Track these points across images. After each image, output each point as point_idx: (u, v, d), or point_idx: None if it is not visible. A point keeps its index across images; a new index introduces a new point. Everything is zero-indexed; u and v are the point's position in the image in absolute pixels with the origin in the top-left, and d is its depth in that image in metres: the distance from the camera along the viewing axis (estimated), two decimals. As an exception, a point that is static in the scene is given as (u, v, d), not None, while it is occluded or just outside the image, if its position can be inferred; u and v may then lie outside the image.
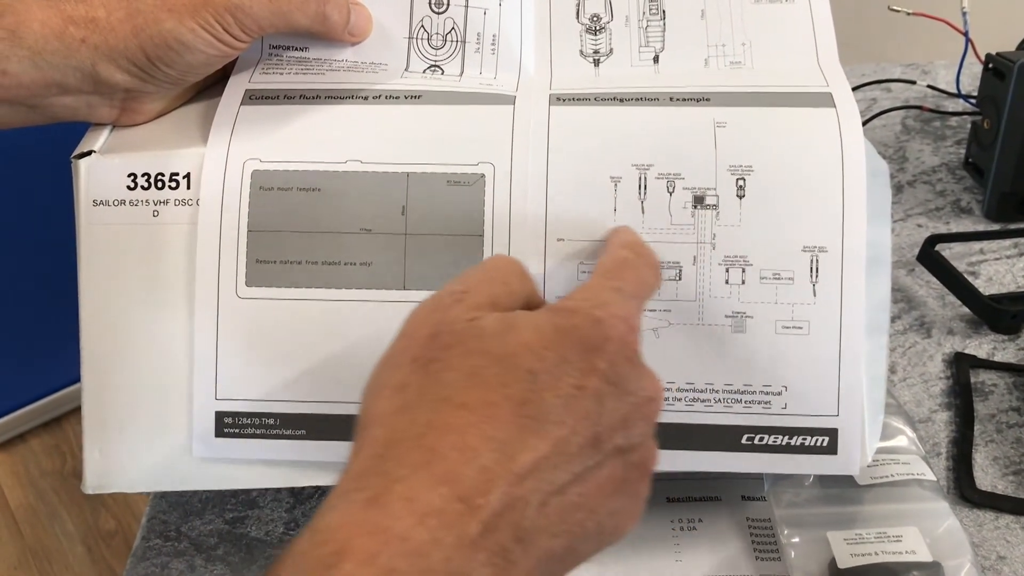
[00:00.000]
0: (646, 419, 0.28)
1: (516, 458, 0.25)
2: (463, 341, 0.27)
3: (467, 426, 0.25)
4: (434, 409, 0.26)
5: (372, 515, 0.23)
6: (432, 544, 0.23)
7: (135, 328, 0.38)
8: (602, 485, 0.27)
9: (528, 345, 0.27)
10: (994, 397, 0.49)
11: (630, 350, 0.28)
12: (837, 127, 0.37)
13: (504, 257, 0.32)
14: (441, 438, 0.25)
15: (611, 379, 0.27)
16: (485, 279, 0.30)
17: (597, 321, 0.28)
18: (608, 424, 0.27)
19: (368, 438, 0.26)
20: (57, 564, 1.33)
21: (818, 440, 0.37)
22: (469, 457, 0.24)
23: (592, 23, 0.43)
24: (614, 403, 0.27)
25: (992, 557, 0.41)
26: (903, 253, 0.58)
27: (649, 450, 0.29)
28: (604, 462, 0.27)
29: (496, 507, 0.24)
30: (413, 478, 0.24)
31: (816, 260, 0.36)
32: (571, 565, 0.27)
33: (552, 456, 0.25)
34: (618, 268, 0.31)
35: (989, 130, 0.60)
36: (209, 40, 0.36)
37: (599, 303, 0.28)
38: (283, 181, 0.38)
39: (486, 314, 0.28)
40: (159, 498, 0.46)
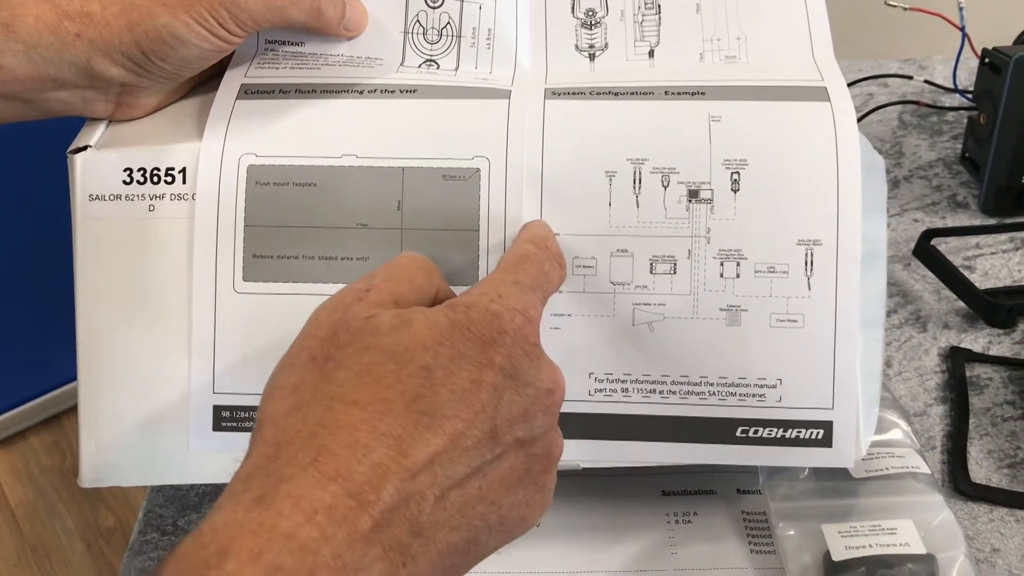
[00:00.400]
0: (546, 411, 0.28)
1: (409, 453, 0.25)
2: (358, 338, 0.27)
3: (359, 423, 0.25)
4: (326, 408, 0.26)
5: (257, 514, 0.23)
6: (321, 540, 0.23)
7: (131, 322, 0.38)
8: (503, 478, 0.27)
9: (422, 341, 0.27)
10: (989, 391, 0.49)
11: (527, 343, 0.28)
12: (832, 121, 0.37)
13: (411, 255, 0.32)
14: (332, 436, 0.25)
15: (508, 372, 0.27)
16: (389, 277, 0.30)
17: (493, 315, 0.28)
18: (506, 417, 0.27)
19: (260, 439, 0.26)
20: (56, 561, 1.33)
21: (813, 433, 0.37)
22: (360, 454, 0.24)
23: (587, 17, 0.43)
24: (512, 396, 0.27)
25: (986, 549, 0.41)
26: (899, 247, 0.58)
27: (551, 441, 0.29)
28: (504, 455, 0.27)
29: (389, 502, 0.24)
30: (301, 476, 0.24)
31: (811, 253, 0.36)
32: (476, 557, 0.27)
33: (448, 450, 0.26)
34: (519, 261, 0.32)
35: (985, 125, 0.60)
36: (204, 34, 0.36)
37: (496, 296, 0.29)
38: (279, 176, 0.38)
39: (384, 311, 0.28)
40: (156, 492, 0.46)
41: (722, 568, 0.40)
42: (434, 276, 0.31)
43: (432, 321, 0.27)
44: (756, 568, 0.40)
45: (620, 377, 0.37)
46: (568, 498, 0.43)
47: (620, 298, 0.37)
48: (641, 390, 0.37)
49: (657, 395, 0.37)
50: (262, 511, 0.23)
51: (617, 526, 0.42)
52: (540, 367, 0.28)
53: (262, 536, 0.23)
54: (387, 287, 0.29)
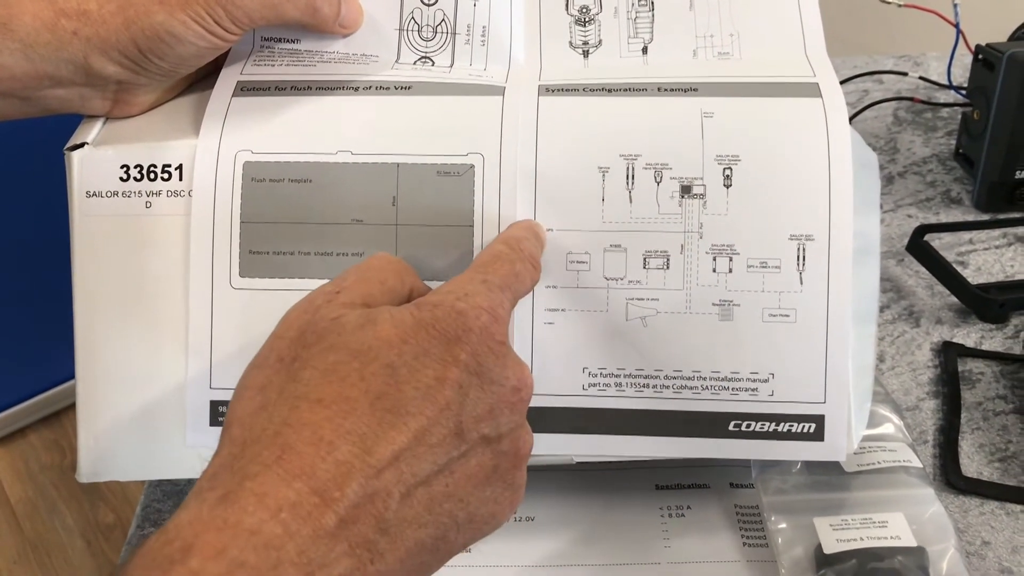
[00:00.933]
0: (512, 408, 0.28)
1: (373, 451, 0.25)
2: (323, 338, 0.27)
3: (323, 421, 0.25)
4: (291, 407, 0.26)
5: (222, 511, 0.24)
6: (285, 537, 0.23)
7: (129, 318, 0.38)
8: (470, 475, 0.27)
9: (387, 339, 0.27)
10: (981, 385, 0.49)
11: (493, 340, 0.28)
12: (823, 117, 0.38)
13: (383, 255, 0.32)
14: (296, 434, 0.25)
15: (473, 369, 0.27)
16: (361, 278, 0.30)
17: (459, 313, 0.28)
18: (472, 414, 0.27)
19: (227, 439, 0.26)
20: (56, 558, 1.33)
21: (805, 427, 0.37)
22: (325, 451, 0.25)
23: (581, 15, 0.43)
24: (477, 393, 0.27)
25: (977, 542, 0.42)
26: (893, 243, 0.58)
27: (519, 438, 0.29)
28: (470, 452, 0.27)
29: (353, 499, 0.24)
30: (265, 474, 0.24)
31: (803, 248, 0.37)
32: (445, 555, 0.28)
33: (413, 447, 0.26)
34: (490, 261, 0.32)
35: (979, 121, 0.60)
36: (200, 32, 0.36)
37: (462, 295, 0.29)
38: (275, 172, 0.38)
39: (350, 311, 0.28)
40: (153, 487, 0.46)
41: (715, 561, 0.40)
42: (407, 276, 0.32)
43: (397, 320, 0.28)
44: (749, 561, 0.40)
45: (613, 372, 0.38)
46: (562, 492, 0.43)
47: (613, 293, 0.37)
48: (634, 384, 0.37)
49: (650, 389, 0.37)
50: (226, 508, 0.24)
51: (611, 519, 0.42)
52: (506, 365, 0.28)
53: (226, 532, 0.23)
54: (358, 288, 0.30)
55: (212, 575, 0.22)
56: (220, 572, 0.22)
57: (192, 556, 0.23)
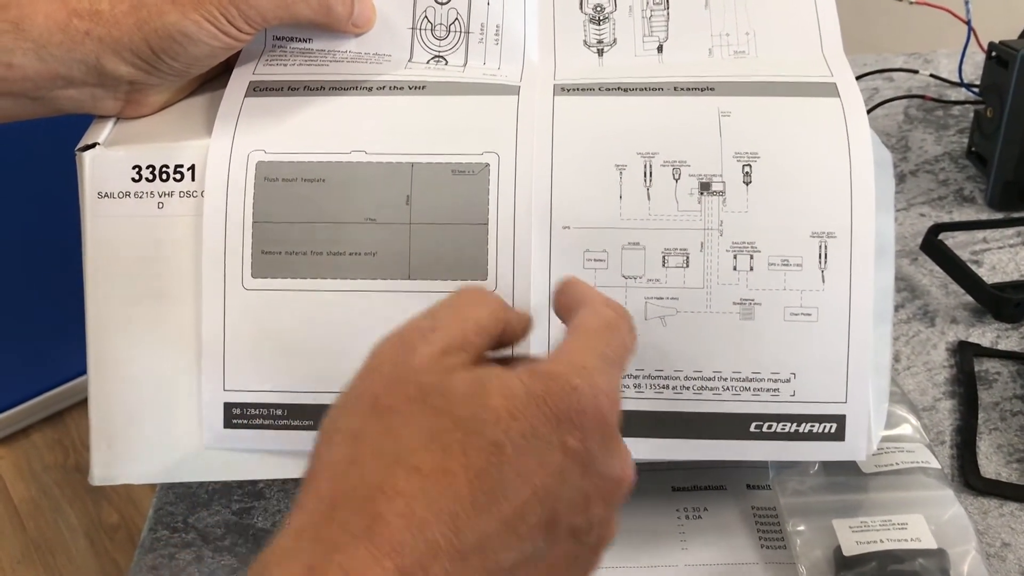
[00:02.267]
0: (608, 501, 0.27)
1: (463, 533, 0.24)
2: (427, 397, 0.26)
3: (418, 492, 0.24)
4: (386, 469, 0.25)
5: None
6: None
7: (141, 320, 0.38)
8: (553, 564, 0.26)
9: (496, 412, 0.25)
10: (998, 385, 0.49)
11: (607, 426, 0.26)
12: (842, 116, 0.37)
13: (476, 290, 0.30)
14: (389, 504, 0.24)
15: (580, 458, 0.26)
16: (455, 315, 0.28)
17: (574, 389, 0.26)
18: (568, 503, 0.26)
19: (314, 490, 0.25)
20: (60, 557, 1.33)
21: (826, 427, 0.37)
22: (416, 528, 0.24)
23: (596, 13, 0.43)
24: (579, 481, 0.26)
25: (997, 544, 0.41)
26: (906, 242, 0.58)
27: (607, 530, 0.28)
28: (556, 545, 0.26)
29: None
30: (354, 548, 0.23)
31: (825, 246, 0.36)
32: None
33: (502, 535, 0.24)
34: (603, 330, 0.29)
35: (992, 119, 0.60)
36: (213, 32, 0.36)
37: (580, 368, 0.26)
38: (288, 172, 0.38)
39: (457, 368, 0.27)
40: (166, 490, 0.46)
41: (733, 563, 0.40)
42: (500, 310, 0.30)
43: (509, 390, 0.26)
44: (767, 563, 0.40)
45: (632, 372, 0.37)
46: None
47: (632, 292, 0.37)
48: (654, 386, 0.37)
49: (670, 391, 0.37)
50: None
51: (627, 521, 0.41)
52: (613, 455, 0.27)
53: None
54: (453, 328, 0.28)
55: None
56: None
57: None
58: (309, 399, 0.38)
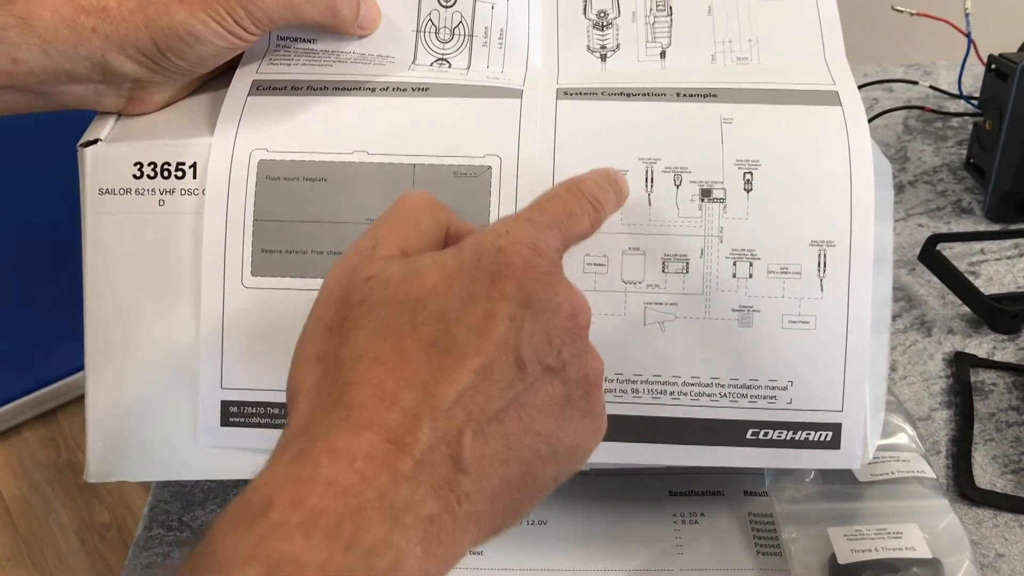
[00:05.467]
0: (572, 334, 0.28)
1: (436, 393, 0.25)
2: (369, 296, 0.27)
3: (383, 375, 0.26)
4: (350, 367, 0.26)
5: (296, 469, 0.24)
6: (362, 484, 0.24)
7: (140, 317, 0.38)
8: (542, 407, 0.27)
9: (432, 286, 0.27)
10: (994, 396, 0.49)
11: (538, 272, 0.28)
12: (844, 125, 0.38)
13: (414, 194, 0.31)
14: (358, 391, 0.25)
15: (522, 301, 0.27)
16: (394, 226, 0.30)
17: (499, 250, 0.27)
18: (529, 345, 0.27)
19: (295, 412, 0.27)
20: (51, 556, 1.32)
21: (822, 435, 0.37)
22: (390, 402, 0.25)
23: (599, 19, 0.43)
24: (531, 324, 0.27)
25: (991, 555, 0.42)
26: (904, 252, 0.58)
27: (587, 364, 0.29)
28: (536, 384, 0.27)
29: (426, 442, 0.25)
30: (335, 432, 0.25)
31: (824, 255, 0.37)
32: (536, 491, 0.28)
33: (475, 384, 0.26)
34: (540, 201, 0.31)
35: (991, 131, 0.60)
36: (220, 32, 0.36)
37: (503, 232, 0.28)
38: (289, 171, 0.38)
39: (391, 264, 0.28)
40: (161, 488, 0.46)
41: (728, 569, 0.40)
42: (441, 214, 0.31)
43: (440, 266, 0.27)
44: (762, 570, 0.40)
45: (630, 377, 0.37)
46: (575, 497, 0.43)
47: (631, 297, 0.37)
48: (652, 391, 0.37)
49: (667, 396, 0.37)
50: (301, 465, 0.24)
51: (624, 526, 0.42)
52: (558, 292, 0.28)
53: (303, 485, 0.24)
54: (392, 238, 0.29)
55: (294, 524, 0.23)
56: (301, 520, 0.23)
57: (272, 509, 0.23)
58: None
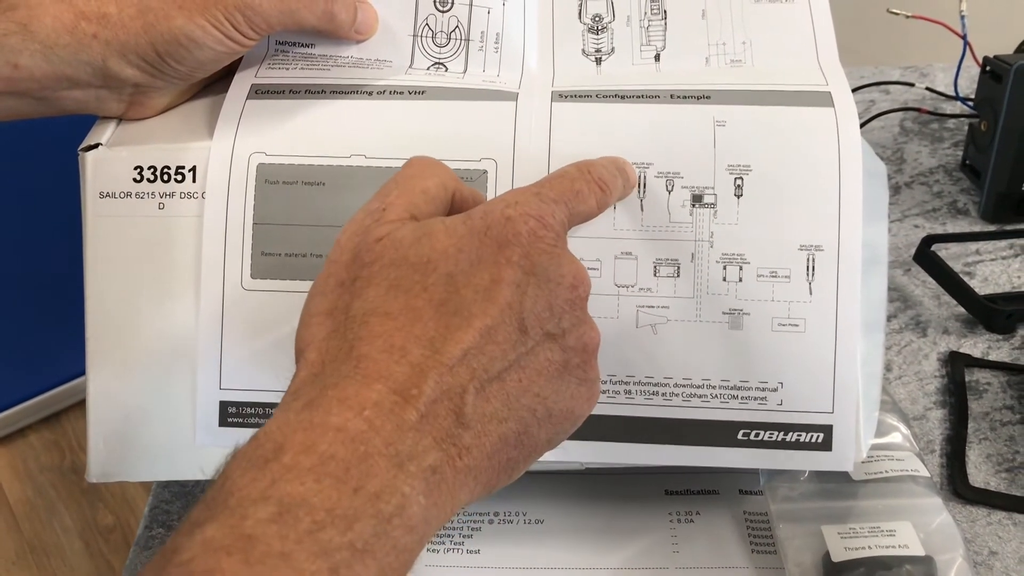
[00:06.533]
0: (572, 304, 0.29)
1: (443, 350, 0.26)
2: (381, 256, 0.28)
3: (393, 331, 0.27)
4: (361, 322, 0.27)
5: (307, 415, 0.25)
6: (370, 432, 0.25)
7: (140, 319, 0.39)
8: (541, 370, 0.28)
9: (443, 250, 0.28)
10: (988, 395, 0.49)
11: (544, 243, 0.29)
12: (835, 127, 0.38)
13: (421, 160, 0.32)
14: (369, 344, 0.26)
15: (527, 269, 0.28)
16: (403, 191, 0.31)
17: (508, 219, 0.29)
18: (531, 310, 0.28)
19: (304, 362, 0.28)
20: (55, 559, 1.33)
21: (813, 436, 0.38)
22: (398, 356, 0.26)
23: (594, 23, 0.43)
24: (535, 291, 0.28)
25: (984, 552, 0.42)
26: (900, 253, 0.59)
27: (585, 333, 0.30)
28: (537, 348, 0.28)
29: (431, 395, 0.26)
30: (345, 382, 0.26)
31: (812, 259, 0.37)
32: (530, 450, 0.29)
33: (480, 344, 0.27)
34: (549, 178, 0.32)
35: (986, 132, 0.60)
36: (219, 37, 0.36)
37: (512, 203, 0.29)
38: (288, 175, 0.38)
39: (402, 226, 0.29)
40: (162, 488, 0.46)
41: (723, 567, 0.40)
42: (448, 180, 0.32)
43: (451, 230, 0.29)
44: (757, 568, 0.40)
45: (623, 379, 0.38)
46: (571, 496, 0.43)
47: (624, 300, 0.37)
48: (644, 392, 0.38)
49: (659, 397, 0.38)
50: (311, 412, 0.25)
51: (620, 524, 0.42)
52: (561, 263, 0.29)
53: (313, 432, 0.24)
54: (401, 202, 0.30)
55: (305, 468, 0.24)
56: (312, 464, 0.24)
57: (284, 453, 0.24)
58: None
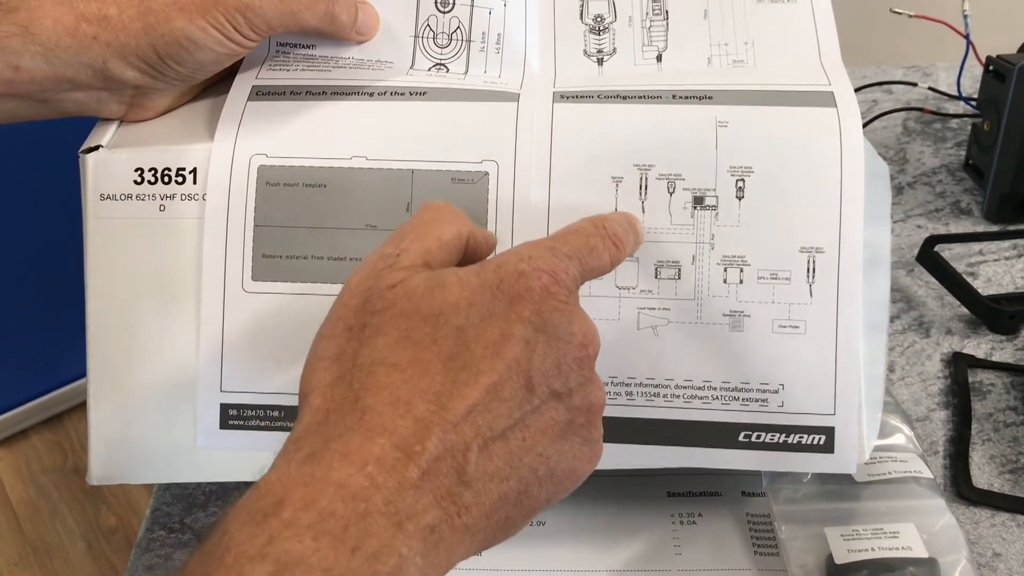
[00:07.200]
0: (580, 363, 0.29)
1: (449, 406, 0.26)
2: (393, 305, 0.28)
3: (400, 383, 0.26)
4: (368, 372, 0.27)
5: (308, 468, 0.25)
6: (372, 489, 0.24)
7: (142, 321, 0.39)
8: (545, 429, 0.28)
9: (455, 302, 0.28)
10: (992, 396, 0.49)
11: (556, 300, 0.29)
12: (837, 127, 0.38)
13: (437, 206, 0.32)
14: (375, 396, 0.26)
15: (537, 326, 0.28)
16: (418, 236, 0.31)
17: (521, 274, 0.28)
18: (540, 369, 0.28)
19: (308, 408, 0.27)
20: (57, 560, 1.33)
21: (815, 438, 0.37)
22: (403, 410, 0.26)
23: (596, 23, 0.43)
24: (544, 348, 0.28)
25: (988, 554, 0.42)
26: (903, 253, 0.58)
27: (591, 393, 0.29)
28: (542, 407, 0.28)
29: (434, 452, 0.25)
30: (349, 435, 0.26)
31: (813, 261, 0.37)
32: (528, 510, 0.28)
33: (486, 402, 0.27)
34: (564, 233, 0.32)
35: (989, 132, 0.60)
36: (219, 39, 0.36)
37: (525, 257, 0.29)
38: (289, 177, 0.38)
39: (416, 274, 0.29)
40: (163, 490, 0.46)
41: (726, 569, 0.40)
42: (463, 226, 0.32)
43: (464, 282, 0.28)
44: (759, 570, 0.40)
45: (624, 380, 0.38)
46: (573, 498, 0.42)
47: (625, 302, 0.37)
48: (645, 394, 0.37)
49: (661, 399, 0.37)
50: (313, 465, 0.25)
51: (622, 526, 0.42)
52: (572, 321, 0.29)
53: (314, 487, 0.24)
54: (416, 248, 0.30)
55: (304, 524, 0.23)
56: (312, 521, 0.23)
57: (284, 508, 0.24)
58: None
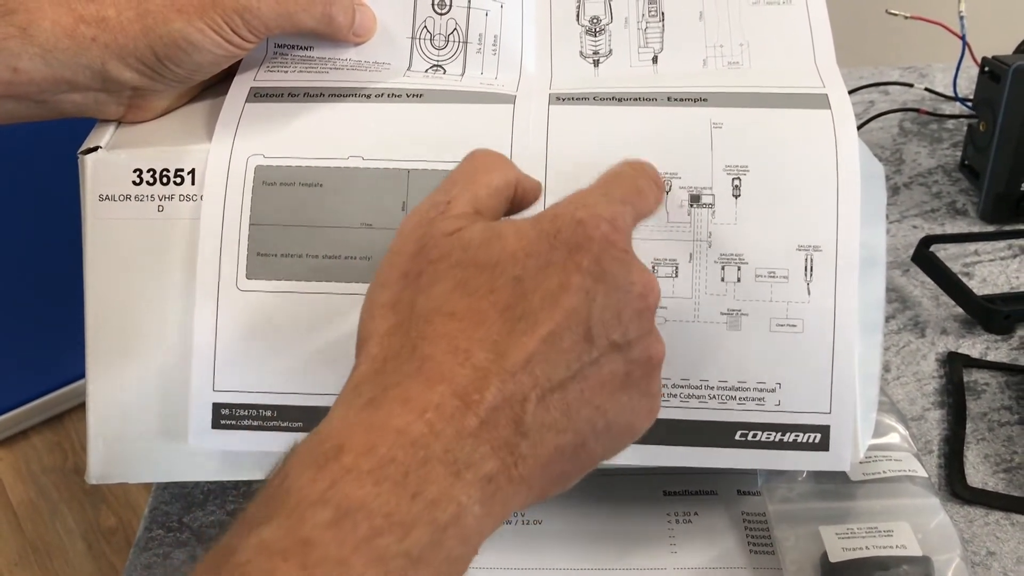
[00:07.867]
0: (640, 314, 0.28)
1: (507, 355, 0.26)
2: (449, 254, 0.28)
3: (457, 332, 0.26)
4: (426, 320, 0.27)
5: (368, 415, 0.25)
6: (431, 436, 0.24)
7: (140, 321, 0.39)
8: (604, 382, 0.28)
9: (512, 252, 0.28)
10: (986, 396, 0.50)
11: (616, 248, 0.28)
12: (832, 129, 0.38)
13: (483, 154, 0.32)
14: (433, 345, 0.26)
15: (597, 275, 0.27)
16: (467, 184, 0.30)
17: (579, 222, 0.28)
18: (599, 319, 0.27)
19: (366, 355, 0.27)
20: (57, 560, 1.33)
21: (810, 437, 0.38)
22: (462, 359, 0.26)
23: (592, 25, 0.44)
24: (603, 299, 0.27)
25: (982, 552, 0.42)
26: (898, 254, 0.59)
27: (651, 345, 0.29)
28: (601, 359, 0.27)
29: (492, 402, 0.25)
30: (408, 382, 0.26)
31: (810, 259, 0.37)
32: (585, 463, 0.28)
33: (544, 351, 0.26)
34: (610, 178, 0.31)
35: (985, 133, 0.60)
36: (217, 41, 0.37)
37: (581, 205, 0.29)
38: (286, 176, 0.38)
39: (471, 224, 0.29)
40: (161, 489, 0.46)
41: (721, 568, 0.40)
42: (511, 172, 0.32)
43: (521, 233, 0.28)
44: (755, 568, 0.40)
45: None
46: (569, 496, 0.43)
47: None
48: (642, 392, 0.38)
49: (658, 397, 0.38)
50: (373, 412, 0.25)
51: (618, 525, 0.42)
52: (631, 271, 0.28)
53: (374, 433, 0.24)
54: (466, 196, 0.30)
55: (364, 470, 0.24)
56: (372, 467, 0.24)
57: (345, 453, 0.24)
58: (299, 400, 0.38)
